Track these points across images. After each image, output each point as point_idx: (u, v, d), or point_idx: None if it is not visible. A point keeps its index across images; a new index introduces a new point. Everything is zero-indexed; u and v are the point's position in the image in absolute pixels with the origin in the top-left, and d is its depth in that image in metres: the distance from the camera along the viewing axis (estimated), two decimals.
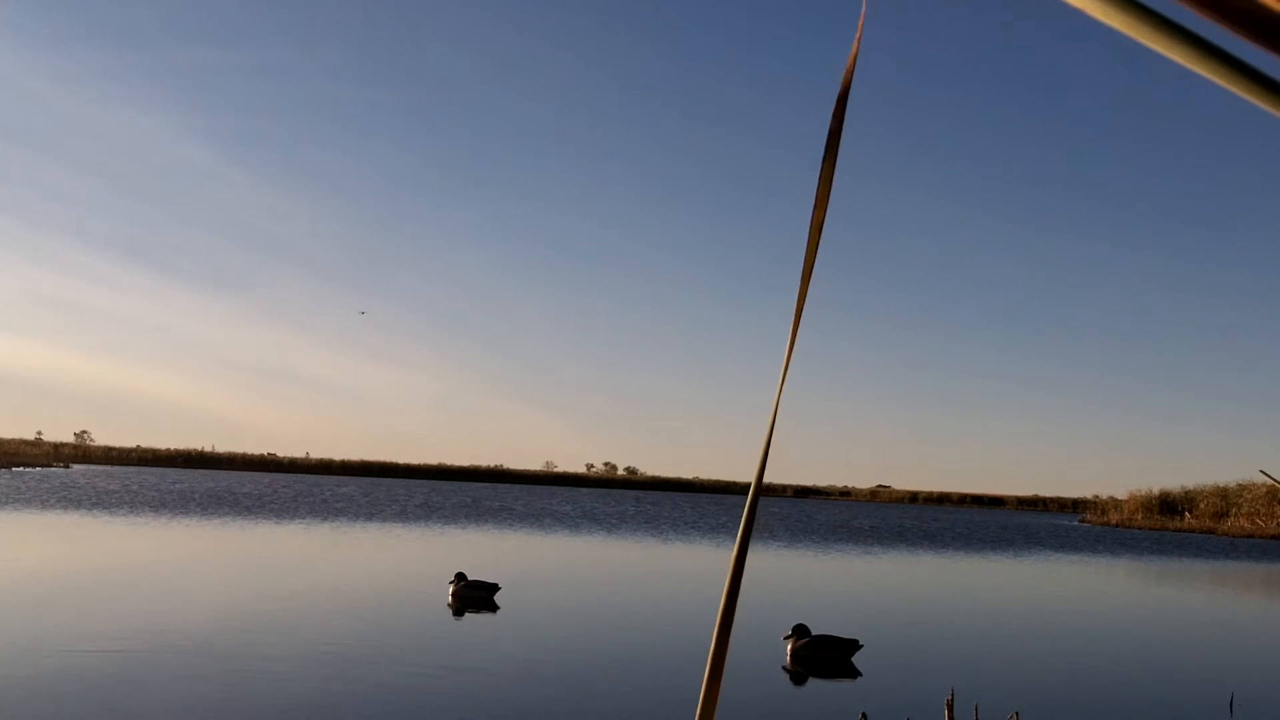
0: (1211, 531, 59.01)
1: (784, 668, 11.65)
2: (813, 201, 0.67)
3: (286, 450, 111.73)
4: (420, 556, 24.70)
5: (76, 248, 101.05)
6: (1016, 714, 7.74)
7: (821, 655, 11.98)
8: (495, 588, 15.93)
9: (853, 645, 12.13)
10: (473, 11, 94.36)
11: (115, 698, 8.68)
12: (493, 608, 15.19)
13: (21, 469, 72.43)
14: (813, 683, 11.05)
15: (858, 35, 0.69)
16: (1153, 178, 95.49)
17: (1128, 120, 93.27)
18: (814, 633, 12.19)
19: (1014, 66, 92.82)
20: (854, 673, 11.51)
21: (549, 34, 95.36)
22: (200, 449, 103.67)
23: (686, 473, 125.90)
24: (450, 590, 15.82)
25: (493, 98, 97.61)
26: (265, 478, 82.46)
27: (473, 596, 15.67)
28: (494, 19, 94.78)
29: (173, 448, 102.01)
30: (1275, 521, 58.60)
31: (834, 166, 0.69)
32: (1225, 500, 63.99)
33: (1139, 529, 62.73)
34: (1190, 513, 65.64)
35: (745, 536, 0.65)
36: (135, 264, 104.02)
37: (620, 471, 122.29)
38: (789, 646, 12.12)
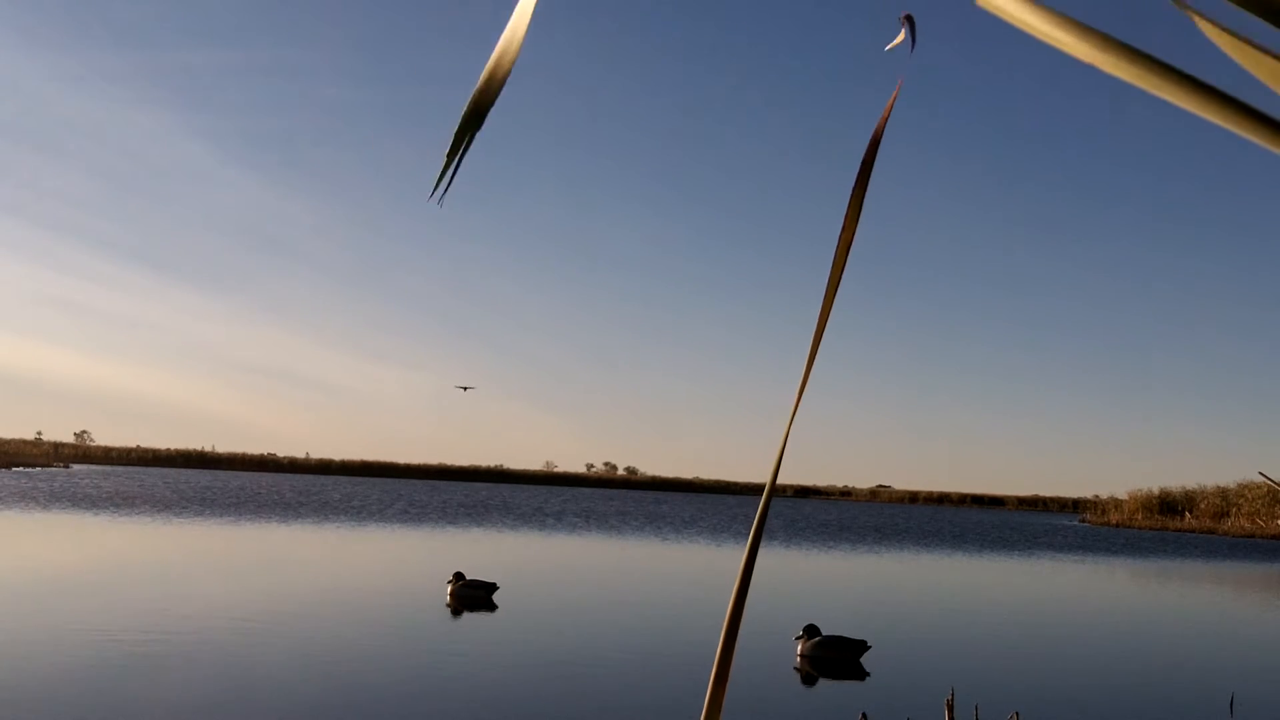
0: (1212, 531, 58.99)
1: (795, 668, 11.67)
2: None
3: (286, 450, 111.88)
4: (420, 556, 24.70)
5: (77, 247, 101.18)
6: (1016, 714, 7.74)
7: (830, 656, 12.01)
8: (494, 587, 15.92)
9: (861, 646, 12.15)
10: (474, 10, 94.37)
11: (115, 697, 8.67)
12: (491, 607, 15.19)
13: (21, 469, 72.42)
14: (819, 683, 11.05)
15: (894, 94, 0.70)
16: (1153, 177, 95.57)
17: (1127, 119, 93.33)
18: (824, 633, 12.25)
19: (1016, 64, 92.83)
20: (861, 673, 11.52)
21: (551, 32, 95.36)
22: (200, 449, 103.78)
23: (686, 473, 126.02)
24: (448, 590, 15.81)
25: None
26: (265, 478, 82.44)
27: (471, 596, 15.66)
28: (495, 17, 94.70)
29: (173, 448, 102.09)
30: (1275, 522, 58.58)
31: (863, 195, 0.71)
32: (1225, 500, 63.96)
33: (1139, 529, 62.70)
34: (1190, 513, 65.62)
35: (755, 543, 0.65)
36: (135, 264, 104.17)
37: (620, 471, 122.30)
38: (799, 646, 12.16)
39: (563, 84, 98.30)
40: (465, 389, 34.19)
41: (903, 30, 0.77)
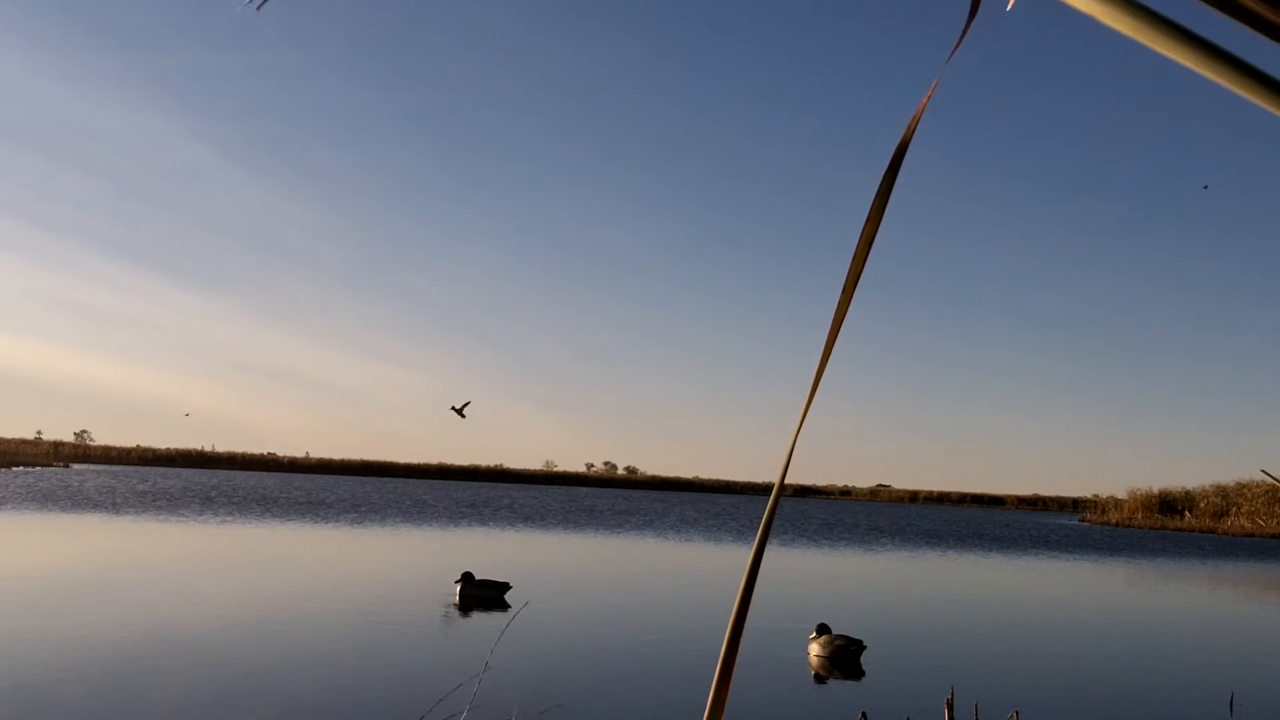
0: (1211, 531, 59.03)
1: (809, 665, 11.79)
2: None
3: (286, 450, 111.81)
4: (424, 556, 24.73)
5: (78, 248, 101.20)
6: (1016, 714, 7.78)
7: (838, 655, 12.11)
8: (506, 586, 15.96)
9: (859, 646, 12.24)
10: (474, 10, 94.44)
11: (115, 697, 8.71)
12: (504, 606, 15.24)
13: (21, 469, 72.46)
14: (818, 682, 11.10)
15: (930, 92, 0.69)
16: (1154, 175, 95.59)
17: (1127, 117, 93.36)
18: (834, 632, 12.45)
19: (1015, 61, 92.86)
20: (859, 672, 11.59)
21: (552, 32, 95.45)
22: (200, 449, 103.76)
23: (686, 472, 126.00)
24: (456, 590, 15.80)
25: (492, 97, 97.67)
26: (265, 477, 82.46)
27: (481, 596, 15.67)
28: (496, 17, 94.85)
29: (173, 448, 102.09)
30: (1275, 521, 58.63)
31: (889, 192, 0.68)
32: (1225, 500, 64.00)
33: (1139, 529, 62.72)
34: (1190, 512, 65.65)
35: (761, 544, 0.65)
36: (136, 264, 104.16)
37: (620, 471, 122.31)
38: (808, 645, 12.30)
39: (563, 84, 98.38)
40: (461, 409, 31.26)
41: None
